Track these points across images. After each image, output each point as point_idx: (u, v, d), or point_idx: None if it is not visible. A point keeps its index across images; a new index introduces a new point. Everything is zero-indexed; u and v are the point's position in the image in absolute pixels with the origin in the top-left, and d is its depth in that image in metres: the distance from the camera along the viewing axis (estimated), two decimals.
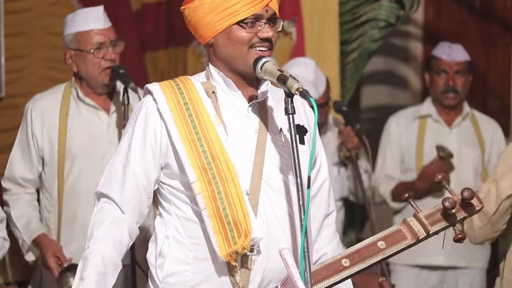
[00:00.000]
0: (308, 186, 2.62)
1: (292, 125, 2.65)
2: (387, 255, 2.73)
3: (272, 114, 2.84)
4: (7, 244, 3.27)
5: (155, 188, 2.83)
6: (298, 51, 4.97)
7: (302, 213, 2.58)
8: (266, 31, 2.81)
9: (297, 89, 2.60)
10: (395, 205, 4.85)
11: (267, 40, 2.80)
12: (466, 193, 2.73)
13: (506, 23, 6.25)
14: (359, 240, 5.21)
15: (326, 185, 2.95)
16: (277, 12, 2.84)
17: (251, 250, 2.70)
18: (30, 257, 3.87)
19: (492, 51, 6.28)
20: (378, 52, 5.64)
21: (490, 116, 5.06)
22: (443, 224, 2.77)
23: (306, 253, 2.56)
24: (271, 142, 2.79)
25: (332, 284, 2.66)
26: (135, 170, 2.77)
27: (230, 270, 2.72)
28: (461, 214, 2.77)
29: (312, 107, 2.60)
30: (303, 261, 2.55)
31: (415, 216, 2.78)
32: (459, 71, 4.80)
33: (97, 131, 3.90)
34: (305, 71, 4.40)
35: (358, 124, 4.50)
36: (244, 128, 2.80)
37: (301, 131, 2.74)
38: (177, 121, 2.75)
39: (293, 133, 2.65)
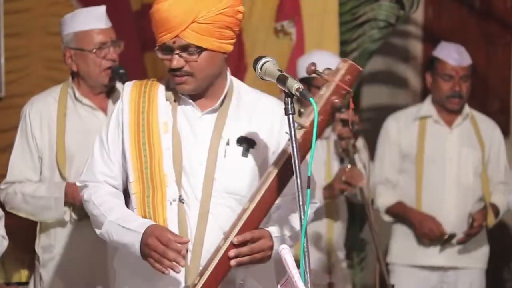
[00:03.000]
0: (308, 186, 2.63)
1: (292, 125, 2.66)
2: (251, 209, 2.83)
3: (230, 122, 2.96)
4: (5, 243, 3.27)
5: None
6: (298, 51, 4.97)
7: (302, 213, 2.59)
8: (173, 63, 2.91)
9: (297, 89, 2.59)
10: (387, 218, 4.88)
11: (177, 69, 2.90)
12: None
13: (506, 23, 6.25)
14: (359, 240, 5.22)
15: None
16: (194, 42, 2.87)
17: None
18: (67, 215, 3.81)
19: (492, 51, 6.27)
20: (378, 52, 5.64)
21: (490, 116, 5.05)
22: None
23: (306, 253, 2.56)
24: (223, 153, 2.93)
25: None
26: (110, 151, 3.01)
27: None
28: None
29: (312, 106, 2.60)
30: (303, 261, 2.56)
31: None
32: (464, 76, 4.77)
33: (95, 131, 3.88)
34: (327, 55, 4.55)
35: (357, 125, 4.49)
36: (194, 138, 2.95)
37: (247, 143, 2.93)
38: (131, 123, 2.96)
39: (293, 133, 2.65)
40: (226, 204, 2.95)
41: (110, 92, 3.93)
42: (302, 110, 2.83)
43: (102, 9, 3.87)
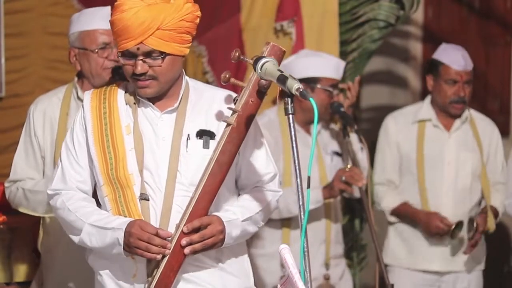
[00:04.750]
0: (308, 186, 2.64)
1: (292, 125, 2.68)
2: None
3: (189, 119, 3.07)
4: None
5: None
6: (298, 51, 4.96)
7: (302, 213, 2.59)
8: (137, 68, 3.00)
9: (297, 90, 2.60)
10: (392, 219, 4.87)
11: (141, 74, 3.00)
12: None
13: (506, 23, 6.25)
14: (358, 240, 5.22)
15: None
16: (158, 48, 2.99)
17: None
18: None
19: (492, 51, 6.28)
20: (378, 52, 5.64)
21: (490, 116, 5.04)
22: None
23: (306, 253, 2.56)
24: (185, 148, 3.03)
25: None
26: (78, 157, 3.13)
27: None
28: None
29: (312, 106, 2.60)
30: (303, 261, 2.56)
31: None
32: (468, 80, 4.74)
33: None
34: (326, 55, 4.60)
35: (356, 125, 4.50)
36: (155, 137, 3.05)
37: (207, 135, 3.05)
38: (95, 128, 3.08)
39: (292, 133, 2.66)
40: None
41: None
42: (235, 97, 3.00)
43: (107, 9, 3.88)
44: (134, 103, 3.10)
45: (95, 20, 3.87)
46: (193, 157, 3.03)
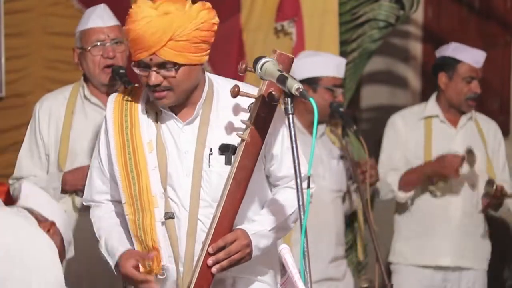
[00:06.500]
0: (308, 186, 2.64)
1: (291, 125, 2.67)
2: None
3: (211, 130, 2.99)
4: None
5: None
6: (298, 51, 4.96)
7: (302, 213, 2.59)
8: (150, 79, 2.91)
9: (297, 89, 2.59)
10: (401, 195, 4.80)
11: (155, 85, 2.91)
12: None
13: (506, 23, 6.25)
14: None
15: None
16: (171, 59, 2.88)
17: (162, 274, 2.97)
18: (68, 205, 3.86)
19: (492, 51, 6.27)
20: (378, 52, 5.64)
21: (490, 116, 5.05)
22: None
23: (306, 253, 2.56)
24: (207, 163, 2.96)
25: None
26: (105, 169, 3.09)
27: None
28: None
29: (312, 106, 2.60)
30: (303, 261, 2.56)
31: None
32: (481, 78, 4.78)
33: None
34: (326, 54, 4.62)
35: (355, 125, 4.50)
36: (177, 151, 2.99)
37: (229, 150, 2.96)
38: (117, 145, 3.01)
39: (292, 133, 2.66)
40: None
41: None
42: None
43: (101, 7, 3.89)
44: (156, 113, 3.02)
45: (91, 18, 3.87)
46: (215, 173, 2.96)
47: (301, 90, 2.58)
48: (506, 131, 6.01)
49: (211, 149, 2.97)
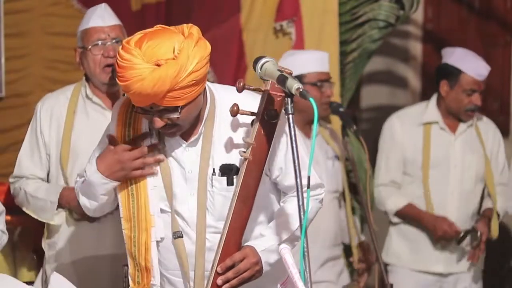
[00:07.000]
0: (308, 186, 2.64)
1: (292, 125, 2.67)
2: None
3: (214, 149, 2.97)
4: (5, 237, 3.28)
5: None
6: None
7: (302, 213, 2.59)
8: (155, 125, 2.88)
9: (296, 90, 2.59)
10: (395, 220, 4.84)
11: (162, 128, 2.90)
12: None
13: (506, 23, 6.25)
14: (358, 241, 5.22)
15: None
16: (171, 104, 2.81)
17: None
18: (58, 219, 3.84)
19: (492, 51, 6.27)
20: (378, 52, 5.64)
21: (490, 116, 5.04)
22: None
23: (306, 253, 2.56)
24: (210, 183, 2.95)
25: None
26: None
27: None
28: None
29: (312, 106, 2.60)
30: (303, 261, 2.56)
31: None
32: (483, 90, 4.73)
33: (102, 130, 3.89)
34: (308, 51, 4.63)
35: (355, 125, 4.49)
36: (181, 170, 2.98)
37: (230, 170, 2.94)
38: None
39: (292, 133, 2.66)
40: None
41: (119, 92, 3.92)
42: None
43: (101, 6, 3.90)
44: (159, 132, 2.98)
45: (92, 18, 3.88)
46: (218, 195, 2.95)
47: (301, 90, 2.58)
48: (506, 131, 6.01)
49: (214, 170, 2.96)
